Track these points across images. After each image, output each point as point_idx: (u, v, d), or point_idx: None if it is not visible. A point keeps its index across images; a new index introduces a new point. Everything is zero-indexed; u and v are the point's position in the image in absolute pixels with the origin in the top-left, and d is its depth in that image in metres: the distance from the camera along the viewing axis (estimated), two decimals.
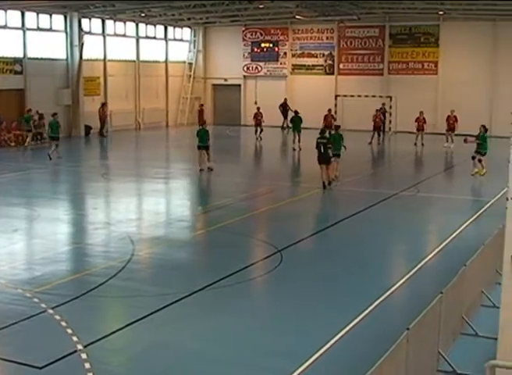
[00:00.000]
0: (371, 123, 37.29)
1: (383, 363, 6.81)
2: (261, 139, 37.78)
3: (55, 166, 28.06)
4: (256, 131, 38.32)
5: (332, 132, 25.05)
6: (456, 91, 41.13)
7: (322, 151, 22.43)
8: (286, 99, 43.66)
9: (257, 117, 39.02)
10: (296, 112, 36.09)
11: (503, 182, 7.95)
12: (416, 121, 35.79)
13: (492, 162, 24.84)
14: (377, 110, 38.37)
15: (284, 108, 43.13)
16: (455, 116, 35.60)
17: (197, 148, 26.29)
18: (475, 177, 24.91)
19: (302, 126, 34.68)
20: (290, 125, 36.70)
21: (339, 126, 25.96)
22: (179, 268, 13.99)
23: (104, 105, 39.95)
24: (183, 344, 10.00)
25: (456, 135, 35.29)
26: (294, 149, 33.45)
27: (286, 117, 42.41)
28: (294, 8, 39.26)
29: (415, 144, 35.23)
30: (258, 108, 39.80)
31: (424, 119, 35.66)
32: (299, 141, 33.39)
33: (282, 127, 42.91)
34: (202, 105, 44.49)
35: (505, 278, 7.36)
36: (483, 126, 25.65)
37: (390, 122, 41.12)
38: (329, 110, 38.37)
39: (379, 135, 37.65)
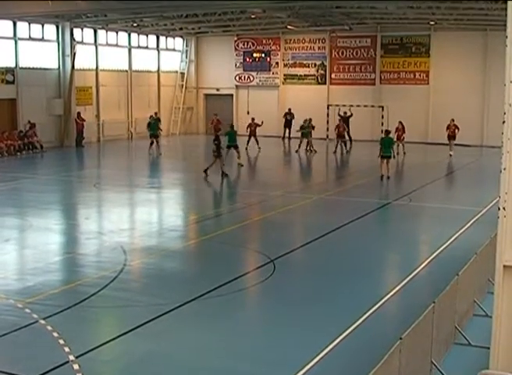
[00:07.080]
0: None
1: (376, 373, 6.80)
2: (311, 152, 36.69)
3: (45, 176, 27.97)
4: (300, 144, 36.81)
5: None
6: (447, 100, 41.28)
7: None
8: (290, 109, 43.15)
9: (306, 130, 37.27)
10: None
11: (495, 191, 7.96)
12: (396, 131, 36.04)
13: (484, 171, 24.93)
14: (339, 119, 38.72)
15: (286, 117, 42.99)
16: (455, 125, 35.65)
17: (227, 147, 29.52)
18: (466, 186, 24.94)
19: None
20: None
21: (389, 132, 28.04)
22: (171, 278, 13.95)
23: (79, 114, 38.85)
24: (175, 355, 9.95)
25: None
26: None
27: (289, 127, 42.31)
28: (286, 18, 39.34)
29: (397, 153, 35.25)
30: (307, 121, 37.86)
31: (403, 129, 35.65)
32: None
33: (283, 138, 42.87)
34: (216, 114, 43.38)
35: (497, 287, 7.37)
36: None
37: (382, 131, 41.14)
38: (253, 119, 38.09)
39: (345, 144, 37.69)
